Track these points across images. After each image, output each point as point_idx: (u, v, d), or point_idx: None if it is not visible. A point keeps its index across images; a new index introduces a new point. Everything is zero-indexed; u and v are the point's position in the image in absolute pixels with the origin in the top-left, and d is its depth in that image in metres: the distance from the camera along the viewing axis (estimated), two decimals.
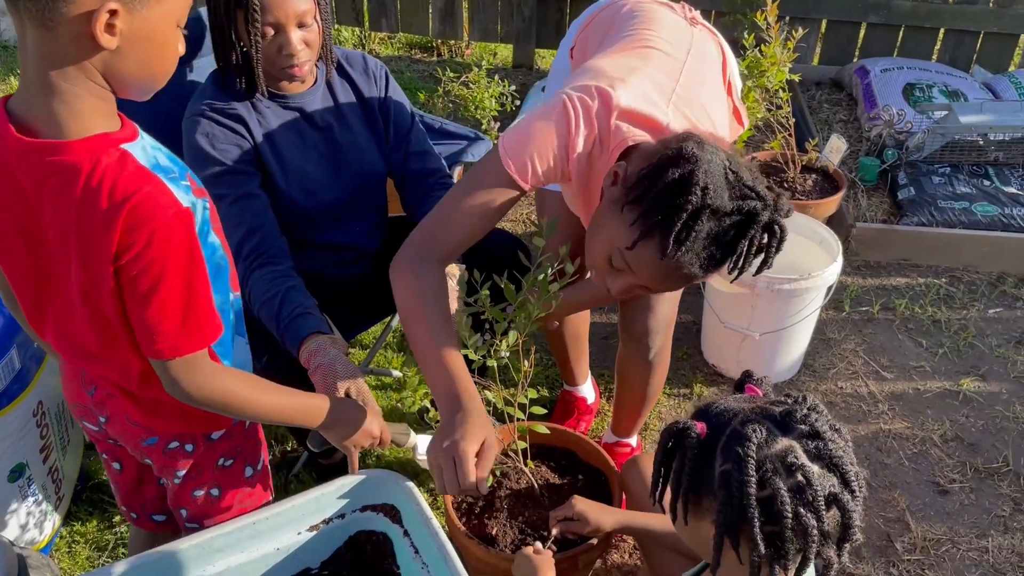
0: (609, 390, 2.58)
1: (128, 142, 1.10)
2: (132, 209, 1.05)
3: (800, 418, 1.04)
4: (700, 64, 1.60)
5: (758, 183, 1.31)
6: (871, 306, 2.94)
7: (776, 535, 0.99)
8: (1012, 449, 2.41)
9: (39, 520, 1.95)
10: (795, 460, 0.99)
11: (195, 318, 1.16)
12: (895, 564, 2.10)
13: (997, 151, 3.34)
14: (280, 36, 1.69)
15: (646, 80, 1.47)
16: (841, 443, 1.04)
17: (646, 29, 1.62)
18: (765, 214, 1.27)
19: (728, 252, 1.29)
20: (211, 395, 1.23)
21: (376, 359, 2.65)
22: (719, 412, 1.09)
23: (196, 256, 1.13)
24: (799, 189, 3.09)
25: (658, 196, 1.26)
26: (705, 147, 1.29)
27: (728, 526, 1.01)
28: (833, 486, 1.01)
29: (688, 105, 1.50)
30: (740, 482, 0.99)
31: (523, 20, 4.40)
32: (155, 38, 1.07)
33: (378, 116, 1.95)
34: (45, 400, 1.93)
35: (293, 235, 1.89)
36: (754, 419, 1.04)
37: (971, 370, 2.69)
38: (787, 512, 0.97)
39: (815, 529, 0.98)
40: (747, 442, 1.00)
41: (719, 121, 1.56)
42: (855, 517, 1.00)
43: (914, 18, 4.08)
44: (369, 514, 1.61)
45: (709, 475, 1.04)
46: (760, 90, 2.77)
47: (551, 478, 1.88)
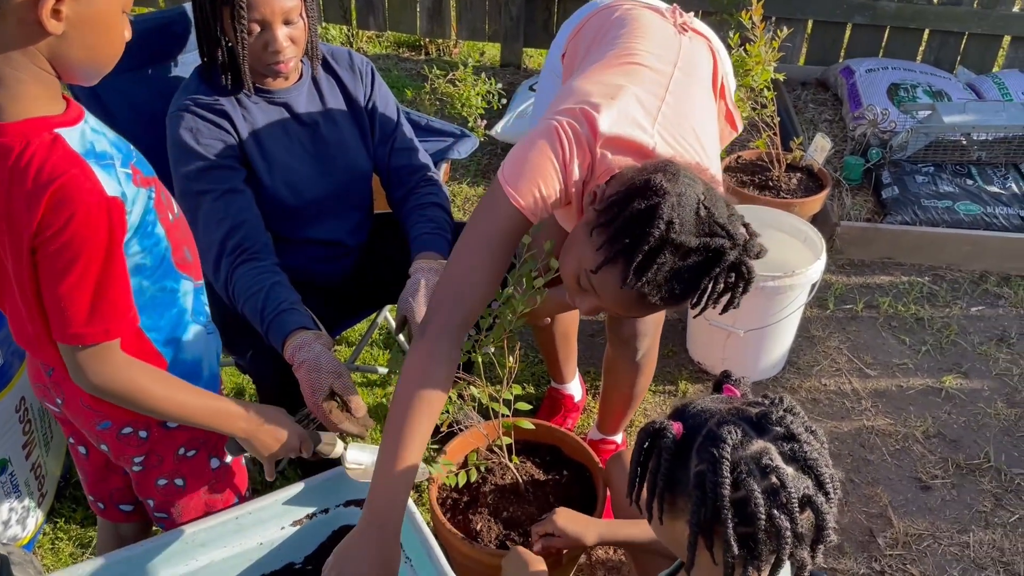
0: (596, 387, 2.59)
1: (65, 126, 1.11)
2: (55, 191, 1.06)
3: (776, 420, 1.04)
4: (688, 76, 1.57)
5: (733, 221, 1.27)
6: (855, 304, 2.97)
7: (750, 536, 0.99)
8: (993, 445, 2.43)
9: (22, 517, 1.94)
10: (770, 462, 0.99)
11: (105, 308, 1.16)
12: (877, 559, 2.12)
13: (980, 151, 3.37)
14: (266, 33, 1.69)
15: (631, 100, 1.45)
16: (816, 445, 1.04)
17: (633, 41, 1.60)
18: (732, 254, 1.23)
19: (690, 288, 1.26)
20: (116, 388, 1.23)
21: (362, 356, 2.65)
22: (696, 413, 1.09)
23: (115, 247, 1.13)
24: (784, 187, 3.11)
25: (623, 225, 1.24)
26: (680, 179, 1.25)
27: (702, 526, 1.01)
28: (807, 488, 1.00)
29: (675, 125, 1.47)
30: (714, 483, 0.99)
31: (511, 19, 4.40)
32: (100, 23, 1.09)
33: (364, 113, 1.96)
34: (28, 396, 1.92)
35: (278, 231, 1.89)
36: (730, 420, 1.04)
37: (953, 367, 2.72)
38: (761, 514, 0.97)
39: (788, 531, 0.98)
40: (722, 443, 0.99)
41: (707, 136, 1.53)
42: (829, 519, 1.00)
43: (899, 19, 4.11)
44: (353, 509, 1.61)
45: (684, 475, 1.04)
46: (745, 89, 2.78)
47: (536, 474, 1.89)
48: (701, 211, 1.24)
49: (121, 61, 1.16)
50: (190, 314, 1.39)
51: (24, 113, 1.08)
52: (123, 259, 1.15)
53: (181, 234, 1.35)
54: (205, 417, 1.35)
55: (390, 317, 2.58)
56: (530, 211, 1.39)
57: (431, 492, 1.79)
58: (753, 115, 2.94)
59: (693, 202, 1.24)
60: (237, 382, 2.53)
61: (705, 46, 1.71)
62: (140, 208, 1.19)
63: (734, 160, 3.26)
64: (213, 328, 1.50)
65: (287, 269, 1.79)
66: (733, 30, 2.84)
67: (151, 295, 1.30)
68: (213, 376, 1.48)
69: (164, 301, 1.32)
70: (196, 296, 1.40)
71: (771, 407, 1.06)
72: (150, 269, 1.27)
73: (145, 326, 1.31)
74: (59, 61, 1.08)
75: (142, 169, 1.21)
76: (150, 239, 1.24)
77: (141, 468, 1.45)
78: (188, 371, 1.40)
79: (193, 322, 1.40)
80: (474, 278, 1.40)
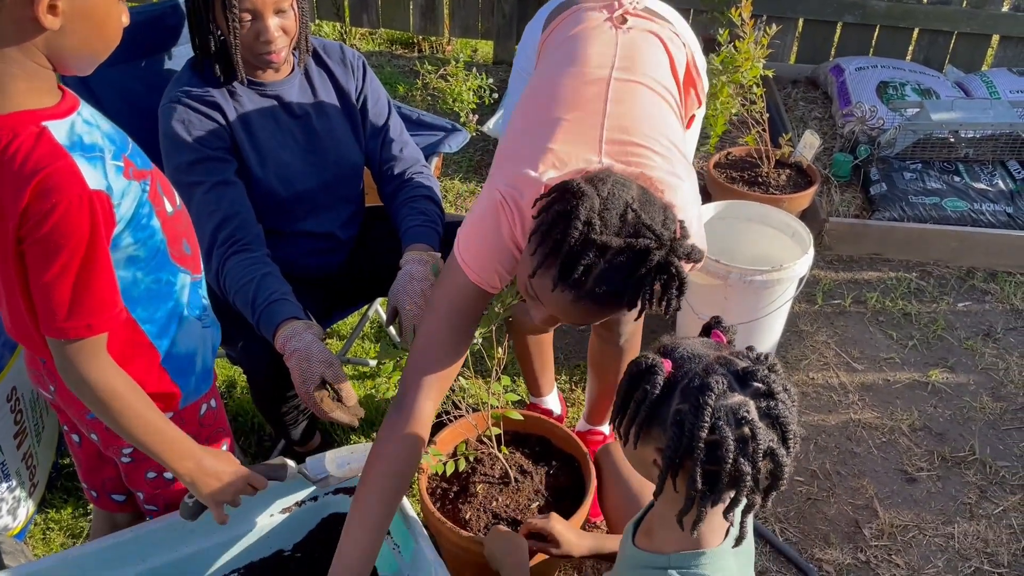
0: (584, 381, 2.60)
1: (54, 119, 1.11)
2: (39, 182, 1.07)
3: (760, 377, 1.11)
4: (628, 73, 1.55)
5: (667, 223, 1.27)
6: (843, 299, 2.99)
7: (714, 475, 1.08)
8: (979, 438, 2.46)
9: (13, 507, 1.95)
10: (746, 415, 1.08)
11: (88, 302, 1.16)
12: (863, 549, 2.14)
13: (967, 148, 3.40)
14: (257, 23, 1.70)
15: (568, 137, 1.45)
16: (790, 404, 1.13)
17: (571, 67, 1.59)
18: (658, 254, 1.22)
19: (620, 289, 1.26)
20: (92, 386, 1.22)
21: (353, 349, 2.67)
22: (685, 354, 1.15)
23: (98, 241, 1.13)
24: (773, 183, 3.13)
25: (547, 228, 1.25)
26: (607, 183, 1.25)
27: (673, 460, 1.10)
28: (773, 441, 1.09)
29: (621, 143, 1.46)
30: (693, 424, 1.07)
31: (503, 17, 4.42)
32: (96, 14, 1.10)
33: (355, 106, 1.97)
34: (19, 387, 1.93)
35: (268, 223, 1.90)
36: (718, 369, 1.11)
37: (940, 362, 2.74)
38: (729, 458, 1.06)
39: (749, 476, 1.07)
40: (708, 391, 1.08)
41: (660, 130, 1.50)
42: (785, 470, 1.10)
43: (889, 18, 4.13)
44: (342, 496, 1.63)
45: (664, 410, 1.12)
46: (734, 85, 2.80)
47: (525, 464, 1.90)
48: (628, 214, 1.24)
49: (114, 53, 1.17)
50: (186, 307, 1.40)
51: (12, 106, 1.09)
52: (107, 253, 1.16)
53: (180, 227, 1.35)
54: (159, 443, 1.31)
55: (381, 310, 2.60)
56: (488, 285, 1.45)
57: (421, 482, 1.80)
58: (742, 111, 2.96)
59: (620, 205, 1.25)
60: (229, 374, 2.54)
61: (648, 35, 1.66)
62: (132, 201, 1.19)
63: (723, 156, 3.28)
64: (212, 321, 1.50)
65: (278, 262, 1.80)
66: (723, 27, 2.86)
67: (146, 287, 1.30)
68: (207, 370, 1.49)
69: (159, 293, 1.33)
70: (193, 289, 1.41)
71: (757, 364, 1.13)
72: (144, 261, 1.27)
73: (139, 317, 1.31)
74: (56, 54, 1.10)
75: (136, 161, 1.22)
76: (144, 231, 1.24)
77: (130, 460, 1.46)
78: (181, 364, 1.41)
79: (189, 315, 1.41)
80: (440, 353, 1.46)
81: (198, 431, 1.49)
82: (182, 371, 1.41)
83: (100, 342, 1.21)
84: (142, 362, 1.35)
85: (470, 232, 1.47)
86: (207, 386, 1.49)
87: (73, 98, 1.17)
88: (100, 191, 1.12)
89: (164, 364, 1.38)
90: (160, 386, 1.38)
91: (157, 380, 1.38)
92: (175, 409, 1.43)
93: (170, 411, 1.42)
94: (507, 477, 1.85)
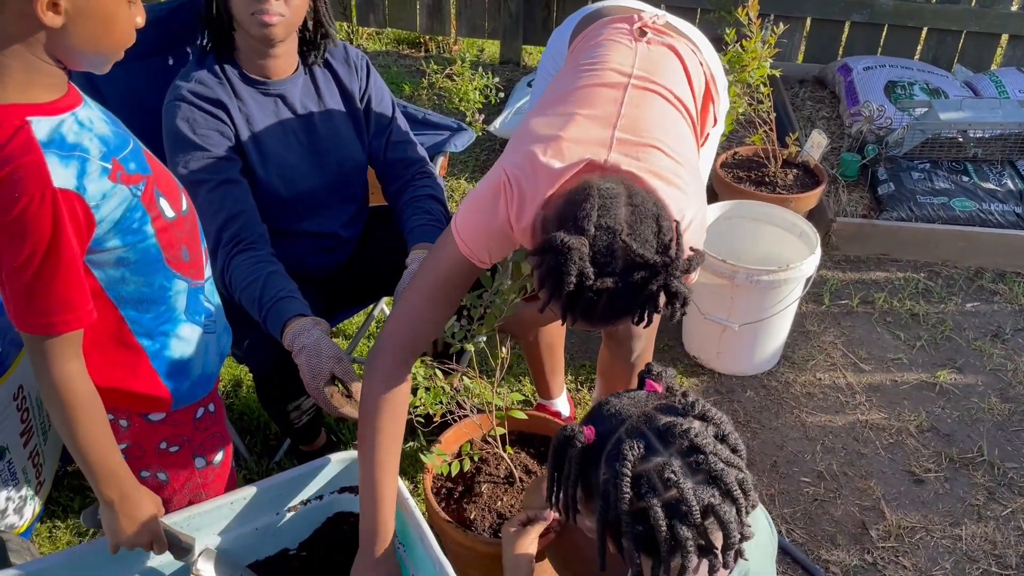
0: (591, 380, 2.60)
1: (42, 115, 1.12)
2: (7, 175, 1.08)
3: (680, 433, 1.06)
4: (646, 83, 1.55)
5: (661, 236, 1.26)
6: (850, 300, 2.98)
7: (653, 543, 1.03)
8: (987, 440, 2.44)
9: (19, 504, 1.95)
10: (672, 475, 1.03)
11: (51, 299, 1.15)
12: (869, 551, 2.13)
13: (976, 147, 3.38)
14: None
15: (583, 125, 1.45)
16: (725, 454, 1.07)
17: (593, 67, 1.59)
18: (655, 283, 1.24)
19: (624, 314, 1.29)
20: (53, 387, 1.21)
21: (359, 348, 2.67)
22: (609, 415, 1.12)
23: (61, 238, 1.13)
24: (780, 183, 3.12)
25: (543, 277, 1.27)
26: (591, 219, 1.24)
27: (609, 530, 1.06)
28: (712, 496, 1.04)
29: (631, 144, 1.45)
30: (615, 497, 1.03)
31: (510, 16, 4.42)
32: (100, 14, 1.10)
33: (358, 105, 1.97)
34: (26, 385, 1.93)
35: (272, 223, 1.89)
36: (635, 433, 1.07)
37: (948, 363, 2.73)
38: (661, 525, 1.02)
39: (690, 541, 1.02)
40: (623, 459, 1.04)
41: (673, 139, 1.50)
42: (733, 527, 1.04)
43: (897, 17, 4.11)
44: (348, 495, 1.62)
45: (596, 479, 1.08)
46: (741, 85, 2.79)
47: (530, 464, 1.90)
48: (618, 246, 1.24)
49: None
50: (182, 312, 1.39)
51: (2, 99, 1.10)
52: (73, 253, 1.15)
53: (181, 233, 1.34)
54: (97, 464, 1.29)
55: (387, 309, 2.60)
56: (478, 260, 1.46)
57: (426, 482, 1.80)
58: (749, 111, 2.95)
59: (607, 239, 1.24)
60: (235, 373, 2.55)
61: (665, 50, 1.67)
62: (118, 203, 1.19)
63: (730, 156, 3.27)
64: (219, 327, 1.49)
65: (282, 261, 1.80)
66: (730, 26, 2.85)
67: (136, 288, 1.30)
68: (207, 376, 1.47)
69: (151, 297, 1.32)
70: (193, 295, 1.40)
71: (677, 417, 1.08)
72: (135, 264, 1.27)
73: (127, 317, 1.31)
74: (63, 52, 1.11)
75: (128, 165, 1.21)
76: (135, 236, 1.24)
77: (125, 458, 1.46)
78: (173, 368, 1.40)
79: (187, 321, 1.40)
80: (424, 317, 1.50)
81: (193, 434, 1.48)
82: (173, 374, 1.40)
83: (67, 342, 1.19)
84: (127, 361, 1.34)
85: (470, 206, 1.47)
86: (205, 391, 1.48)
87: (75, 97, 1.17)
88: (67, 190, 1.11)
89: (154, 366, 1.37)
90: (148, 387, 1.38)
91: (145, 381, 1.37)
92: (167, 411, 1.42)
93: (161, 412, 1.42)
94: (512, 477, 1.85)
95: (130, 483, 1.34)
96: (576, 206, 1.27)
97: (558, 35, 1.94)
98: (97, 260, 1.22)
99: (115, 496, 1.32)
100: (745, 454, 1.12)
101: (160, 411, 1.42)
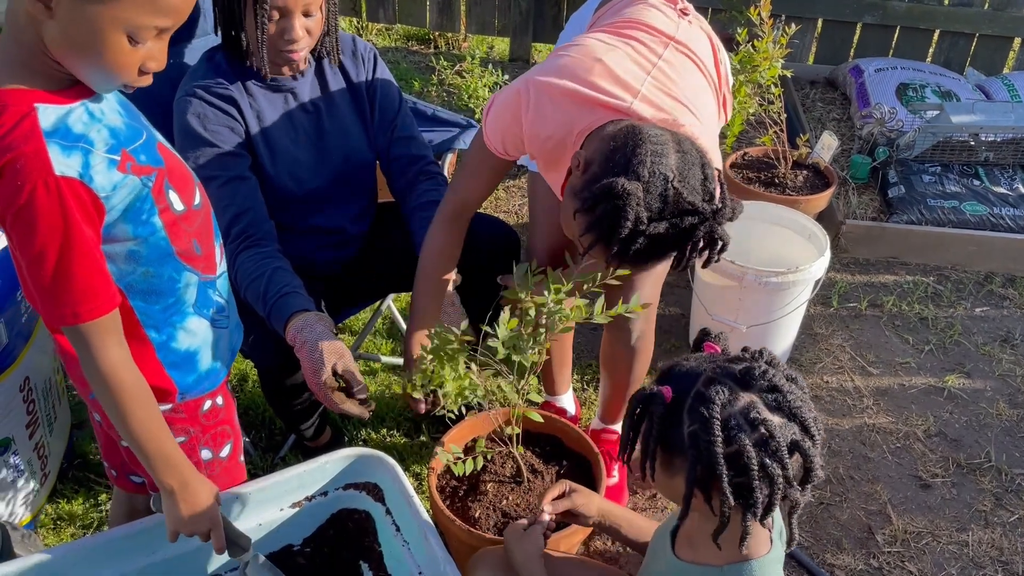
0: (597, 379, 2.59)
1: (51, 102, 1.11)
2: (9, 163, 1.08)
3: (759, 374, 1.10)
4: (681, 55, 1.61)
5: (707, 184, 1.35)
6: (859, 303, 2.96)
7: (744, 485, 1.06)
8: (995, 445, 2.43)
9: (24, 496, 1.95)
10: (757, 415, 1.06)
11: (71, 291, 1.16)
12: (875, 556, 2.12)
13: (987, 151, 3.36)
14: (284, 21, 1.69)
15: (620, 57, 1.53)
16: (799, 392, 1.11)
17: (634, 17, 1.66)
18: (702, 229, 1.33)
19: (668, 253, 1.39)
20: (100, 374, 1.22)
21: (365, 344, 2.66)
22: (682, 374, 1.15)
23: (73, 227, 1.12)
24: (790, 184, 3.11)
25: (596, 222, 1.34)
26: (646, 164, 1.31)
27: (698, 482, 1.08)
28: (794, 434, 1.07)
29: (665, 87, 1.53)
30: (707, 442, 1.05)
31: (520, 13, 4.41)
32: (86, 28, 1.07)
33: (365, 99, 1.96)
34: (32, 376, 1.93)
35: (280, 219, 1.89)
36: (716, 379, 1.10)
37: (956, 367, 2.71)
38: (753, 465, 1.04)
39: (780, 477, 1.05)
40: (711, 404, 1.06)
41: (701, 106, 1.58)
42: (816, 460, 1.08)
43: (909, 19, 4.09)
44: (352, 492, 1.62)
45: (678, 436, 1.11)
46: (752, 85, 2.78)
47: (536, 464, 1.89)
48: (670, 192, 1.31)
49: None
50: (191, 306, 1.38)
51: (14, 82, 1.10)
52: (87, 240, 1.15)
53: (192, 226, 1.34)
54: (153, 449, 1.30)
55: (393, 306, 2.59)
56: (494, 149, 1.64)
57: (430, 479, 1.79)
58: (760, 111, 2.94)
59: (660, 186, 1.31)
60: (240, 368, 2.55)
61: (703, 34, 1.74)
62: (126, 195, 1.19)
63: (740, 156, 3.25)
64: (229, 323, 1.49)
65: (290, 257, 1.79)
66: (742, 26, 2.84)
67: (144, 279, 1.29)
68: (213, 372, 1.46)
69: (159, 289, 1.32)
70: (203, 289, 1.39)
71: (753, 362, 1.12)
72: (144, 256, 1.27)
73: (135, 307, 1.31)
74: (55, 52, 1.10)
75: (139, 157, 1.21)
76: (144, 227, 1.24)
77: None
78: (179, 360, 1.40)
79: (195, 314, 1.39)
80: (468, 186, 1.75)
81: (200, 426, 1.48)
82: (179, 366, 1.40)
83: (104, 330, 1.20)
84: (132, 351, 1.32)
85: (497, 100, 1.62)
86: (212, 385, 1.47)
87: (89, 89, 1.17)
88: (71, 178, 1.11)
89: (159, 357, 1.37)
90: (153, 378, 1.37)
91: (150, 372, 1.36)
92: (172, 402, 1.42)
93: (167, 404, 1.42)
94: (519, 476, 1.84)
95: (189, 470, 1.35)
96: (629, 151, 1.33)
97: (578, 16, 1.94)
98: (107, 251, 1.22)
99: (175, 483, 1.33)
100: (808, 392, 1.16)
101: (166, 402, 1.42)
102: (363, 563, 1.65)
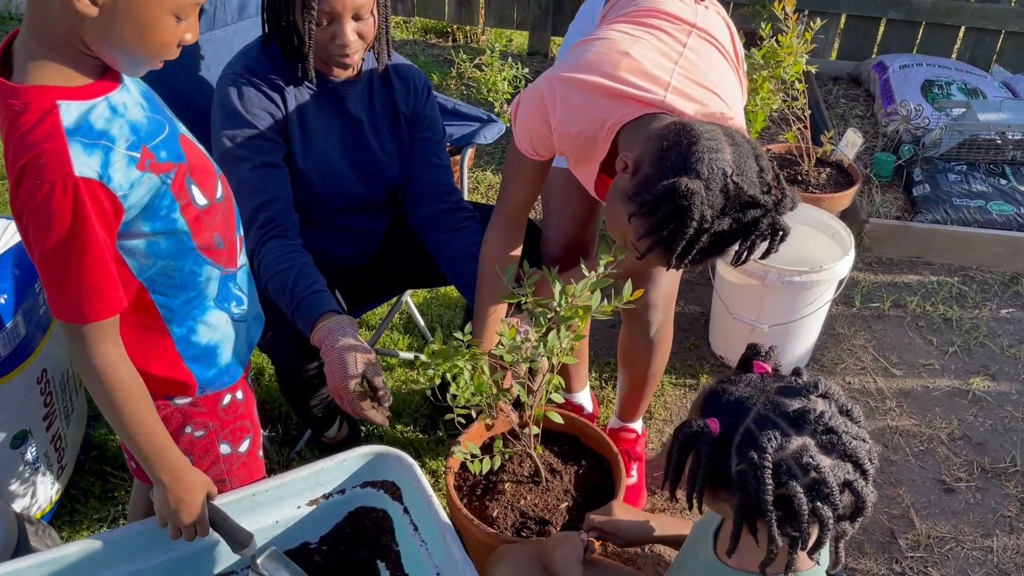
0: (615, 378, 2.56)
1: (73, 99, 1.11)
2: (29, 161, 1.08)
3: (814, 418, 1.06)
4: (704, 42, 1.59)
5: (763, 175, 1.33)
6: (882, 303, 2.92)
7: (794, 526, 1.04)
8: (1020, 450, 2.38)
9: (41, 488, 1.95)
10: (810, 460, 1.04)
11: (76, 290, 1.16)
12: (898, 560, 2.09)
13: (1015, 150, 3.30)
14: (334, 26, 1.66)
15: (647, 50, 1.50)
16: (854, 429, 1.08)
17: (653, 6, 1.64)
18: (764, 221, 1.31)
19: (728, 249, 1.36)
20: (95, 373, 1.22)
21: (382, 340, 2.65)
22: (730, 404, 1.11)
23: (85, 227, 1.12)
24: (813, 182, 3.06)
25: (658, 224, 1.31)
26: (705, 161, 1.28)
27: (746, 519, 1.07)
28: (848, 473, 1.05)
29: (694, 76, 1.51)
30: (756, 488, 1.03)
31: (539, 7, 4.38)
32: (134, 17, 1.08)
33: (405, 127, 1.92)
34: (49, 368, 1.92)
35: (301, 211, 1.87)
36: (767, 419, 1.07)
37: (981, 369, 2.67)
38: (804, 509, 1.03)
39: (831, 518, 1.03)
40: (762, 451, 1.04)
41: (728, 91, 1.56)
42: (868, 497, 1.06)
43: (935, 15, 4.03)
44: (370, 490, 1.60)
45: (725, 471, 1.09)
46: (776, 81, 2.74)
47: (554, 463, 1.87)
48: (730, 187, 1.29)
49: None
50: (211, 299, 1.38)
51: (38, 80, 1.10)
52: (99, 241, 1.14)
53: (213, 221, 1.33)
54: (144, 444, 1.30)
55: (411, 302, 2.57)
56: (522, 147, 1.63)
57: (448, 478, 1.77)
58: (783, 107, 2.90)
59: (720, 182, 1.28)
60: (257, 361, 2.53)
61: (719, 17, 1.71)
62: (145, 192, 1.18)
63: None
64: (249, 316, 1.48)
65: (308, 250, 1.77)
66: (765, 21, 2.79)
67: (164, 273, 1.29)
68: (232, 366, 1.45)
69: (180, 282, 1.31)
70: (223, 283, 1.39)
71: (807, 400, 1.08)
72: (164, 250, 1.26)
73: (156, 301, 1.30)
74: (96, 45, 1.10)
75: (159, 154, 1.20)
76: (163, 222, 1.23)
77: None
78: (199, 354, 1.39)
79: (216, 308, 1.39)
80: (514, 190, 1.73)
81: (218, 421, 1.47)
82: (199, 360, 1.39)
83: (102, 329, 1.20)
84: (153, 344, 1.34)
85: (522, 103, 1.60)
86: (232, 379, 1.46)
87: (112, 80, 1.16)
88: (90, 179, 1.10)
89: (179, 350, 1.36)
90: (173, 372, 1.37)
91: (170, 365, 1.36)
92: (192, 396, 1.42)
93: (187, 397, 1.41)
94: (537, 476, 1.82)
95: (181, 464, 1.36)
96: (684, 150, 1.31)
97: (588, 6, 1.90)
98: (127, 246, 1.22)
99: (166, 477, 1.34)
100: (864, 421, 1.14)
101: (185, 396, 1.41)
102: (380, 562, 1.63)
